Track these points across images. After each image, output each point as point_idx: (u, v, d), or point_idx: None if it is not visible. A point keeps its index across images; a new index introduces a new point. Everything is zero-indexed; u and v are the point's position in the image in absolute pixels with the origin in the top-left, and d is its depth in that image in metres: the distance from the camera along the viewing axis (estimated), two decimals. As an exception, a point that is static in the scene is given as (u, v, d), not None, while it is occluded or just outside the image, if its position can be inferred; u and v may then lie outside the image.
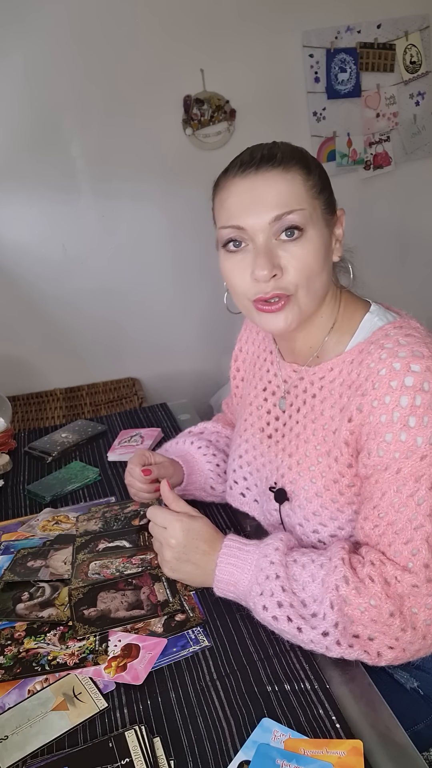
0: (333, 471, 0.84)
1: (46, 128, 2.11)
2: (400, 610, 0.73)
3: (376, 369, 0.77)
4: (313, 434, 0.88)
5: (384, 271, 2.64)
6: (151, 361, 2.46)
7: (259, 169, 0.79)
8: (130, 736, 0.68)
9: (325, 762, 0.64)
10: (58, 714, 0.73)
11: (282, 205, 0.78)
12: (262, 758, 0.65)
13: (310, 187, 0.80)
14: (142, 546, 1.00)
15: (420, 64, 2.52)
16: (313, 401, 0.89)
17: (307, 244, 0.79)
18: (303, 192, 0.79)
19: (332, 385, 0.86)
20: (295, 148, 0.84)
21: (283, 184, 0.78)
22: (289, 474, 0.90)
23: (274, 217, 0.78)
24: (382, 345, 0.79)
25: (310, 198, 0.80)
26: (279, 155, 0.80)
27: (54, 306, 2.29)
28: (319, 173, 0.83)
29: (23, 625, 0.87)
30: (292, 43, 2.31)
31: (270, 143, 0.84)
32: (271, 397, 0.98)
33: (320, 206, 0.81)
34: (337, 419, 0.84)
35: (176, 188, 2.27)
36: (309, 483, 0.87)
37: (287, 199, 0.78)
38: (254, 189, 0.79)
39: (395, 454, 0.75)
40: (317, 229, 0.80)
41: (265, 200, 0.78)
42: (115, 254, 2.31)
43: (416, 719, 0.87)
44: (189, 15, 2.14)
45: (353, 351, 0.84)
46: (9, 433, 1.49)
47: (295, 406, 0.92)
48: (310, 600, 0.76)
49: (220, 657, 0.80)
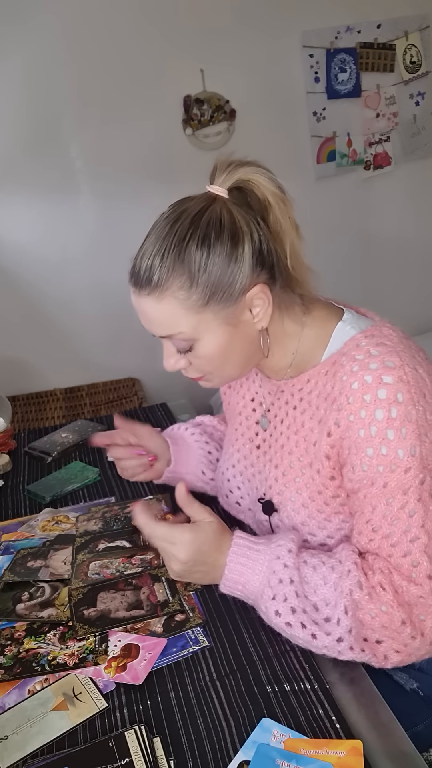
0: (316, 483, 0.84)
1: (46, 128, 2.10)
2: (410, 618, 0.74)
3: (349, 382, 0.77)
4: (295, 446, 0.88)
5: (384, 271, 2.64)
6: (151, 361, 2.45)
7: (140, 292, 0.81)
8: (130, 736, 0.68)
9: (325, 762, 0.64)
10: (58, 714, 0.73)
11: (162, 329, 0.81)
12: (262, 758, 0.65)
13: (191, 306, 0.77)
14: (142, 546, 1.00)
15: (420, 64, 2.51)
16: (294, 413, 0.89)
17: (200, 350, 0.81)
18: (180, 314, 0.78)
19: (310, 397, 0.86)
20: (181, 251, 0.76)
21: (159, 312, 0.79)
22: (276, 485, 0.90)
23: (161, 335, 0.82)
24: (354, 357, 0.78)
25: (193, 314, 0.78)
26: (155, 278, 0.77)
27: (54, 306, 2.29)
28: (208, 277, 0.76)
29: (23, 625, 0.87)
30: (291, 43, 2.31)
31: (160, 246, 0.78)
32: (259, 408, 0.99)
33: (212, 311, 0.78)
34: (316, 431, 0.84)
35: (176, 188, 2.24)
36: (295, 494, 0.87)
37: (164, 324, 0.80)
38: (140, 307, 0.82)
39: (379, 468, 0.75)
40: (211, 332, 0.80)
41: (150, 321, 0.82)
42: (115, 254, 2.30)
43: (416, 720, 0.87)
44: (189, 15, 2.14)
45: (327, 362, 0.84)
46: (9, 433, 1.49)
47: (279, 418, 0.92)
48: (322, 604, 0.75)
49: (220, 657, 0.80)
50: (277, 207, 0.79)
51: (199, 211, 0.78)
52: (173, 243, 0.77)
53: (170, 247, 0.77)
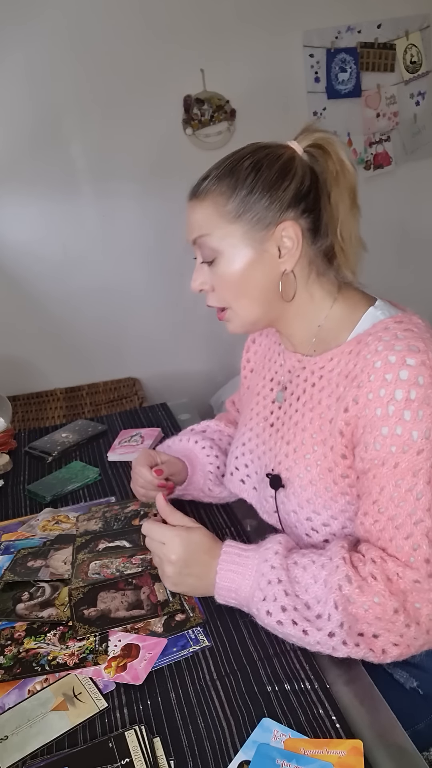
0: (328, 460, 0.85)
1: (46, 128, 2.11)
2: (404, 606, 0.74)
3: (372, 361, 0.78)
4: (310, 422, 0.88)
5: (383, 270, 2.62)
6: (151, 361, 2.46)
7: (190, 198, 0.89)
8: (130, 736, 0.68)
9: (325, 762, 0.64)
10: (58, 714, 0.73)
11: (194, 230, 0.87)
12: (262, 758, 0.65)
13: (226, 213, 0.84)
14: (142, 546, 1.00)
15: (420, 64, 2.51)
16: (312, 390, 0.90)
17: (222, 265, 0.86)
18: (214, 218, 0.85)
19: (330, 375, 0.87)
20: (235, 163, 0.85)
21: (197, 214, 0.87)
22: (286, 461, 0.91)
23: (191, 239, 0.88)
24: (380, 337, 0.79)
25: (225, 223, 0.84)
26: (206, 182, 0.86)
27: (54, 306, 2.29)
28: (247, 194, 0.83)
29: (23, 625, 0.87)
30: (292, 42, 2.31)
31: (225, 158, 0.88)
32: (277, 387, 1.00)
33: (241, 228, 0.84)
34: (333, 408, 0.85)
35: (176, 188, 2.25)
36: (304, 470, 0.87)
37: (196, 226, 0.87)
38: (187, 214, 0.89)
39: (392, 448, 0.76)
40: (236, 250, 0.84)
41: (188, 224, 0.89)
42: (115, 254, 2.30)
43: (416, 719, 0.87)
44: (189, 15, 2.14)
45: (352, 342, 0.85)
46: (9, 433, 1.49)
47: (296, 395, 0.93)
48: (313, 602, 0.76)
49: (220, 657, 0.80)
50: (343, 176, 0.85)
51: (266, 145, 0.87)
52: (232, 159, 0.86)
53: (228, 161, 0.86)
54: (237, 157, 0.86)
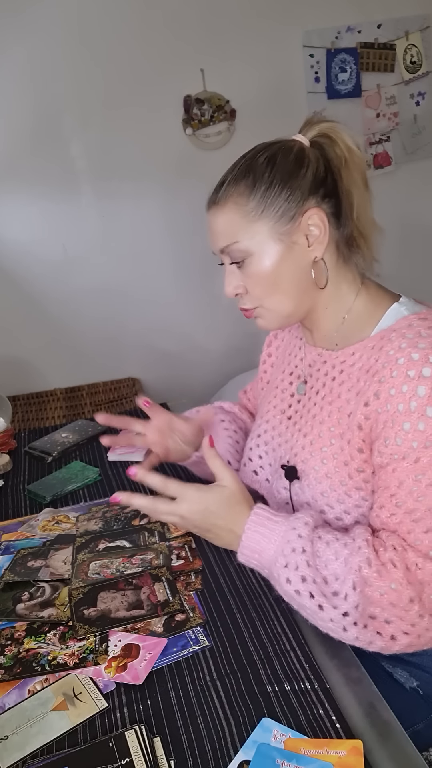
0: (345, 453, 0.85)
1: (46, 127, 2.11)
2: (420, 596, 0.74)
3: (395, 357, 0.78)
4: (328, 416, 0.89)
5: (384, 271, 2.63)
6: (151, 361, 2.46)
7: (210, 206, 0.89)
8: (130, 736, 0.68)
9: (325, 762, 0.64)
10: (58, 714, 0.73)
11: (220, 240, 0.88)
12: (262, 758, 0.65)
13: (247, 213, 0.84)
14: (142, 546, 1.00)
15: (420, 64, 2.51)
16: (332, 384, 0.90)
17: (253, 264, 0.86)
18: (237, 222, 0.85)
19: (352, 369, 0.87)
20: (251, 161, 0.86)
21: (219, 221, 0.87)
22: (302, 453, 0.91)
23: (219, 249, 0.89)
24: (404, 334, 0.80)
25: (249, 223, 0.84)
26: (224, 186, 0.86)
27: (54, 306, 2.29)
28: (266, 188, 0.84)
29: (23, 625, 0.87)
30: (292, 42, 2.31)
31: (240, 159, 0.89)
32: (296, 380, 1.00)
33: (266, 225, 0.84)
34: (353, 402, 0.85)
35: (177, 188, 2.26)
36: (320, 463, 0.88)
37: (222, 234, 0.87)
38: (209, 223, 0.90)
39: (413, 444, 0.76)
40: (265, 247, 0.85)
41: (213, 234, 0.89)
42: (115, 254, 2.30)
43: (416, 719, 0.87)
44: (189, 15, 2.14)
45: (375, 337, 0.85)
46: (9, 433, 1.49)
47: (315, 389, 0.94)
48: (332, 578, 0.76)
49: (220, 657, 0.80)
50: (352, 161, 0.87)
51: (277, 141, 0.88)
52: (246, 158, 0.88)
53: (243, 161, 0.87)
54: (250, 155, 0.87)
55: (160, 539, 1.02)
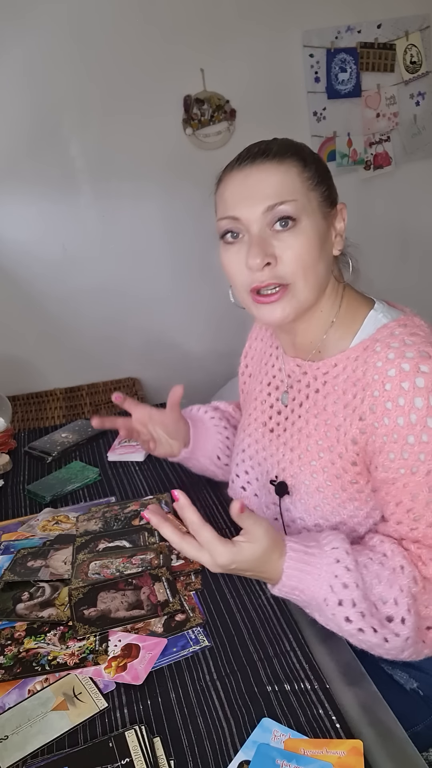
0: (336, 467, 0.84)
1: (46, 128, 2.11)
2: None
3: (384, 369, 0.77)
4: (315, 429, 0.88)
5: (384, 271, 2.63)
6: (151, 361, 2.46)
7: (255, 162, 0.81)
8: (130, 736, 0.68)
9: (325, 762, 0.64)
10: (58, 714, 0.73)
11: (274, 196, 0.79)
12: (262, 758, 0.65)
13: (305, 179, 0.81)
14: (142, 546, 1.00)
15: (420, 64, 2.51)
16: (316, 396, 0.89)
17: (300, 234, 0.80)
18: (297, 183, 0.80)
19: (336, 381, 0.86)
20: (294, 143, 0.85)
21: (277, 175, 0.80)
22: (291, 468, 0.90)
23: (267, 207, 0.79)
24: (389, 344, 0.79)
25: (306, 190, 0.81)
26: (275, 148, 0.82)
27: (54, 306, 2.29)
28: (316, 167, 0.83)
29: (23, 625, 0.87)
30: (292, 42, 2.31)
31: (270, 139, 0.86)
32: (275, 392, 0.99)
33: (317, 198, 0.82)
34: (341, 415, 0.84)
35: (176, 188, 2.27)
36: (310, 477, 0.87)
37: (280, 189, 0.79)
38: (249, 180, 0.81)
39: (420, 456, 0.76)
40: (312, 220, 0.81)
41: (258, 191, 0.80)
42: (115, 254, 2.30)
43: (416, 720, 0.87)
44: (189, 15, 2.14)
45: (357, 348, 0.84)
46: (9, 433, 1.49)
47: (298, 401, 0.93)
48: (380, 603, 0.75)
49: (220, 657, 0.80)
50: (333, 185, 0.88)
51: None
52: (277, 141, 0.85)
53: (280, 139, 0.86)
54: (283, 141, 0.85)
55: (160, 539, 1.01)
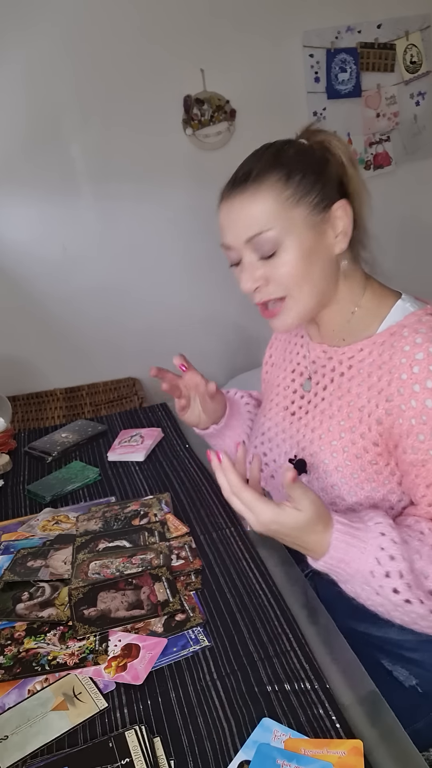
0: (357, 446, 0.86)
1: (46, 128, 2.11)
2: None
3: (412, 353, 0.80)
4: (338, 410, 0.90)
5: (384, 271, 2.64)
6: (151, 361, 2.45)
7: (234, 191, 0.85)
8: (130, 736, 0.68)
9: (325, 762, 0.64)
10: (58, 714, 0.73)
11: (253, 226, 0.83)
12: (262, 758, 0.65)
13: (286, 199, 0.83)
14: (142, 546, 1.00)
15: (420, 64, 2.52)
16: (340, 379, 0.91)
17: (285, 256, 0.84)
18: (275, 208, 0.83)
19: (362, 365, 0.88)
20: (278, 153, 0.86)
21: (254, 206, 0.83)
22: (310, 447, 0.92)
23: (247, 238, 0.84)
24: (417, 329, 0.81)
25: (285, 211, 0.83)
26: (255, 172, 0.84)
27: (54, 306, 2.30)
28: (302, 176, 0.84)
29: (23, 625, 0.87)
30: (292, 43, 2.32)
31: (257, 154, 0.88)
32: (299, 378, 1.01)
33: (302, 213, 0.84)
34: (365, 396, 0.86)
35: (176, 188, 2.27)
36: (330, 456, 0.88)
37: (258, 219, 0.83)
38: (231, 212, 0.86)
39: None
40: (297, 236, 0.84)
41: (239, 223, 0.85)
42: (115, 254, 2.31)
43: (416, 717, 0.87)
44: (189, 15, 2.14)
45: (384, 333, 0.87)
46: (9, 433, 1.49)
47: (322, 384, 0.95)
48: (421, 577, 0.76)
49: (220, 657, 0.80)
50: (351, 169, 0.88)
51: (293, 139, 0.89)
52: (271, 149, 0.87)
53: (268, 154, 0.86)
54: (274, 148, 0.87)
55: (160, 539, 1.01)
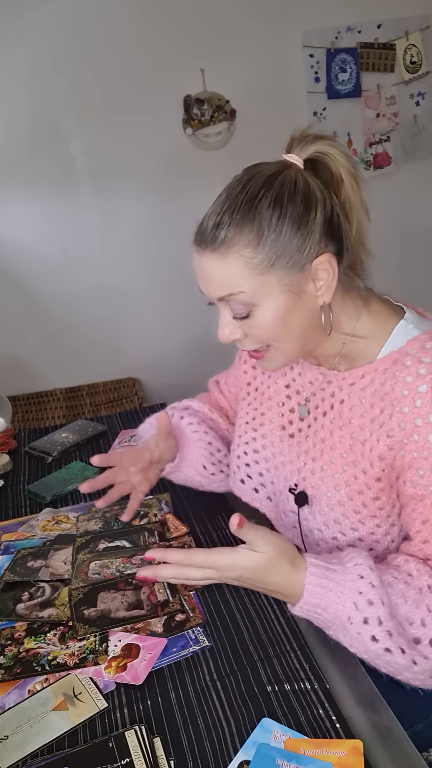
0: (359, 482, 0.83)
1: (47, 128, 2.11)
2: None
3: (415, 385, 0.76)
4: (339, 441, 0.86)
5: (384, 272, 2.63)
6: (151, 361, 2.46)
7: (203, 246, 0.79)
8: (130, 736, 0.68)
9: (325, 762, 0.64)
10: (58, 714, 0.73)
11: (223, 288, 0.78)
12: (262, 758, 0.65)
13: (255, 266, 0.76)
14: (142, 546, 1.00)
15: (420, 64, 2.51)
16: (341, 407, 0.87)
17: (260, 317, 0.79)
18: (245, 273, 0.76)
19: (363, 393, 0.84)
20: (253, 202, 0.76)
21: (222, 270, 0.77)
22: (312, 478, 0.89)
23: (217, 297, 0.80)
24: (419, 359, 0.77)
25: (256, 277, 0.76)
26: (222, 234, 0.76)
27: (54, 306, 2.30)
28: (276, 238, 0.75)
29: (23, 625, 0.88)
30: (292, 42, 2.31)
31: (231, 195, 0.78)
32: (295, 396, 0.96)
33: (276, 276, 0.77)
34: (367, 430, 0.82)
35: (176, 188, 2.26)
36: (332, 490, 0.85)
37: (227, 282, 0.78)
38: (201, 265, 0.80)
39: None
40: (273, 299, 0.78)
41: (209, 280, 0.80)
42: (115, 254, 2.30)
43: (416, 719, 0.87)
44: (189, 15, 2.14)
45: (386, 360, 0.82)
46: (9, 433, 1.49)
47: (321, 410, 0.90)
48: (406, 624, 0.72)
49: (220, 657, 0.80)
50: (350, 184, 0.80)
51: (274, 174, 0.77)
52: (244, 200, 0.76)
53: (241, 203, 0.76)
54: (249, 195, 0.76)
55: (160, 539, 1.02)
